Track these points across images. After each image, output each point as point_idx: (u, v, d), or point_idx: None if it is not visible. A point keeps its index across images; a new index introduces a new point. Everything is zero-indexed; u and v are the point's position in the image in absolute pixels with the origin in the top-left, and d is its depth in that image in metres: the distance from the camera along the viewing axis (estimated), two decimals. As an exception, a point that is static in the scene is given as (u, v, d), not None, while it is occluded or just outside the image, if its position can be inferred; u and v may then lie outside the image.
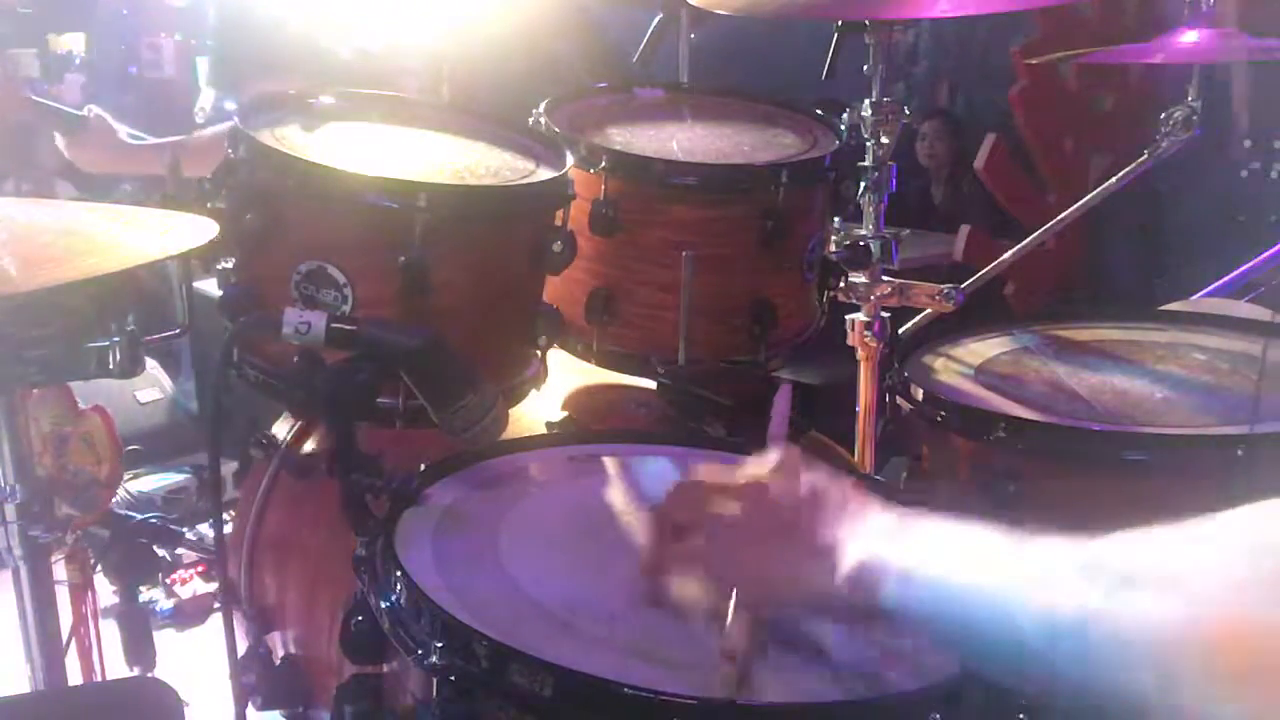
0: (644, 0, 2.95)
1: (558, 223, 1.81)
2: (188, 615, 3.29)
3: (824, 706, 1.05)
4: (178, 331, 1.86)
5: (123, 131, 2.65)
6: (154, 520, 2.11)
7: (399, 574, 1.17)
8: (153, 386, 4.28)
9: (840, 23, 2.20)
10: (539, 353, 1.88)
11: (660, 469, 1.54)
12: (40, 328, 1.48)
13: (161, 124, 2.98)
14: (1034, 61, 4.00)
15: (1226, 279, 3.05)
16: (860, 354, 2.30)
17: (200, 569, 3.39)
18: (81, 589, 1.93)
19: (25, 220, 1.51)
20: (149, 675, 1.92)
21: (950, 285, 2.24)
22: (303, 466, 1.93)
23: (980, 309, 2.60)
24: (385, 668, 1.25)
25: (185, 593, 3.33)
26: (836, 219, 2.15)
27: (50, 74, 6.97)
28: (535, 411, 1.93)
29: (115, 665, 1.99)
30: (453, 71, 2.80)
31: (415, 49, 2.76)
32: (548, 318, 1.86)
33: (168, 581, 3.33)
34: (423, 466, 1.41)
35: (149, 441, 3.73)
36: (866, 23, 2.16)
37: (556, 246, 1.80)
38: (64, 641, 1.74)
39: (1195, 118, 2.53)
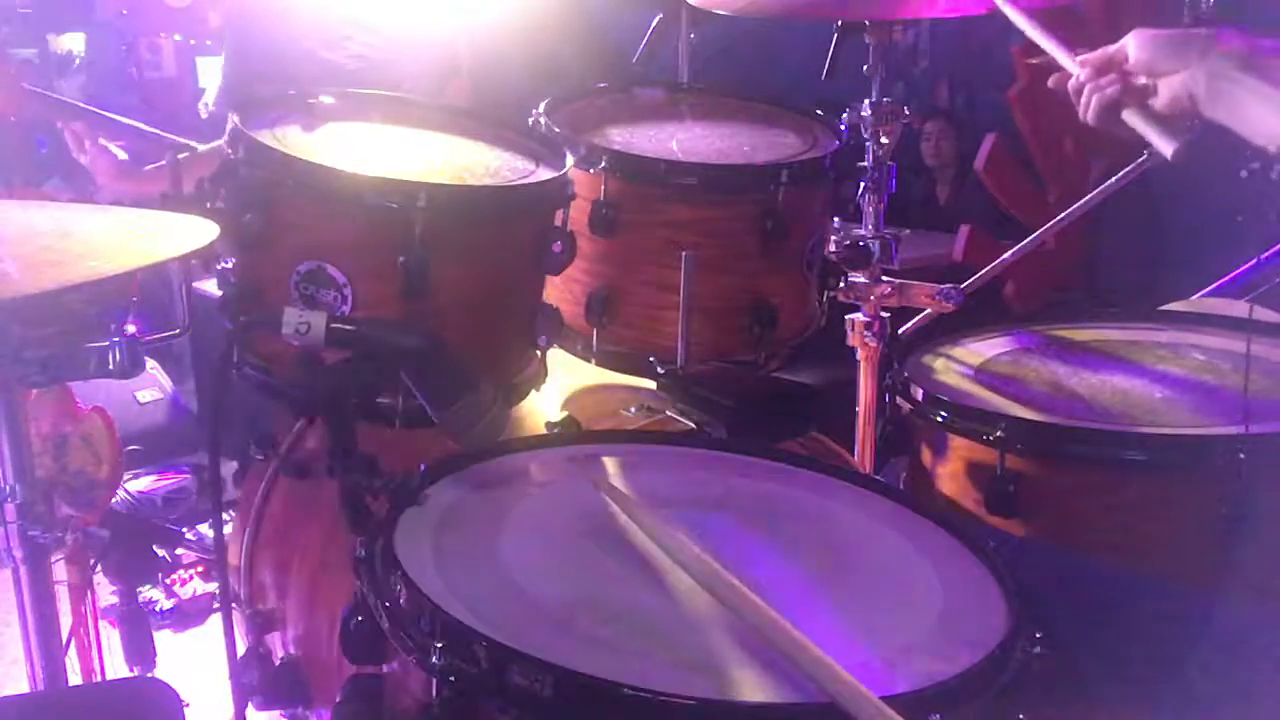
0: (644, 0, 2.95)
1: (558, 223, 1.81)
2: (188, 615, 3.28)
3: (823, 706, 1.05)
4: (178, 332, 1.87)
5: (119, 152, 2.64)
6: (154, 520, 2.11)
7: (399, 574, 1.17)
8: (153, 386, 4.28)
9: (840, 23, 2.21)
10: (539, 353, 1.88)
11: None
12: (40, 328, 1.48)
13: (163, 125, 2.98)
14: (1034, 61, 4.00)
15: (1226, 279, 3.04)
16: (860, 354, 2.30)
17: (200, 569, 3.39)
18: (81, 589, 1.93)
19: (25, 222, 1.52)
20: (149, 675, 1.92)
21: (950, 285, 2.24)
22: (302, 466, 1.92)
23: (980, 309, 2.60)
24: (385, 668, 1.25)
25: (185, 593, 3.33)
26: (836, 219, 2.15)
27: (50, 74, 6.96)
28: (535, 411, 1.93)
29: (115, 665, 1.99)
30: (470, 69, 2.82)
31: (417, 52, 2.76)
32: (548, 318, 1.86)
33: (168, 581, 3.33)
34: (423, 466, 1.41)
35: (149, 441, 3.73)
36: (866, 23, 2.16)
37: (556, 246, 1.80)
38: (64, 641, 1.74)
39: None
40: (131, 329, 1.54)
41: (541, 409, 1.94)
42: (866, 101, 2.18)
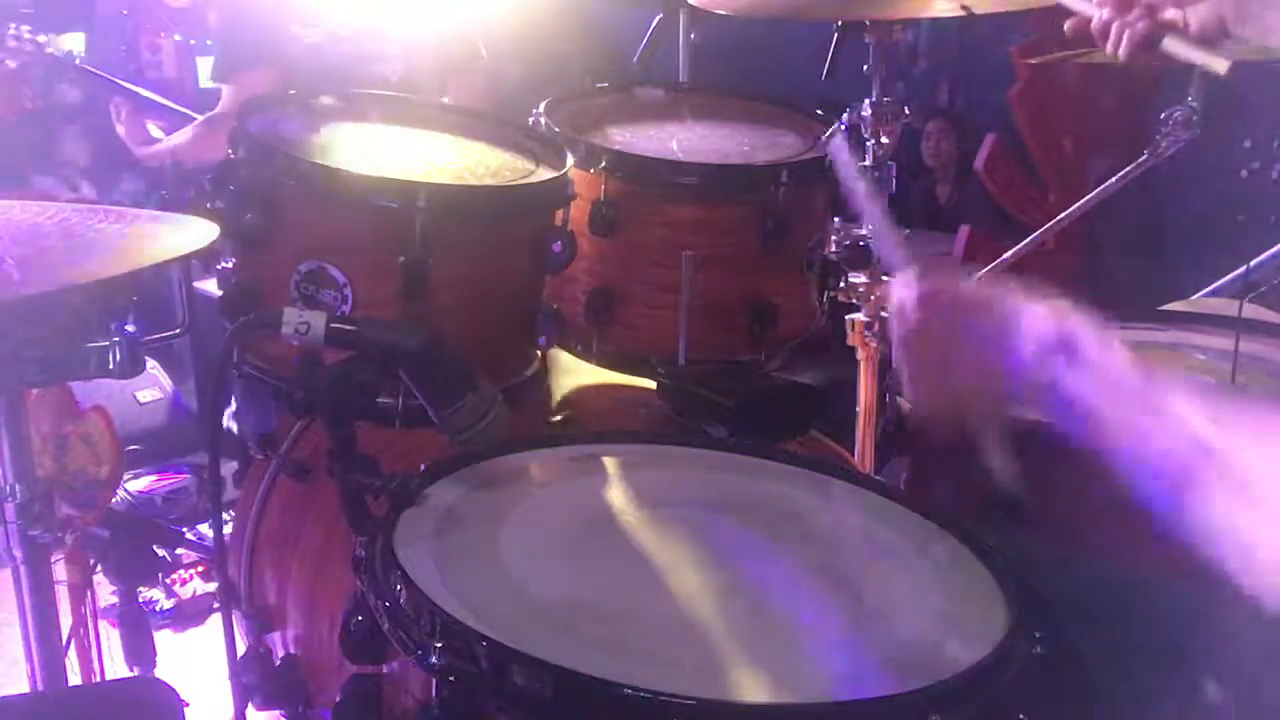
0: (644, 0, 2.95)
1: (558, 223, 1.81)
2: (188, 615, 3.28)
3: (824, 706, 1.05)
4: (178, 331, 1.87)
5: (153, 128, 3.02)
6: (154, 520, 2.11)
7: (399, 574, 1.17)
8: (153, 386, 4.27)
9: (840, 23, 2.21)
10: (539, 353, 1.88)
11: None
12: (40, 328, 1.48)
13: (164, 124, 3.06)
14: (1034, 61, 4.00)
15: (1226, 279, 3.04)
16: (860, 354, 2.30)
17: (200, 569, 3.39)
18: (81, 589, 1.93)
19: (26, 223, 1.52)
20: (149, 675, 1.92)
21: (950, 285, 2.23)
22: (302, 467, 1.93)
23: (980, 309, 2.59)
24: (385, 668, 1.25)
25: (185, 593, 3.33)
26: (836, 219, 2.15)
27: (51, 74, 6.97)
28: (535, 411, 1.93)
29: (115, 665, 1.99)
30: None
31: (393, 35, 2.77)
32: (548, 318, 1.86)
33: (168, 581, 3.32)
34: (423, 466, 1.41)
35: (149, 441, 3.73)
36: (866, 23, 2.16)
37: (556, 246, 1.80)
38: (64, 641, 1.74)
39: (1195, 118, 2.52)
40: (132, 329, 1.54)
41: (541, 409, 1.94)
42: (866, 101, 2.18)
